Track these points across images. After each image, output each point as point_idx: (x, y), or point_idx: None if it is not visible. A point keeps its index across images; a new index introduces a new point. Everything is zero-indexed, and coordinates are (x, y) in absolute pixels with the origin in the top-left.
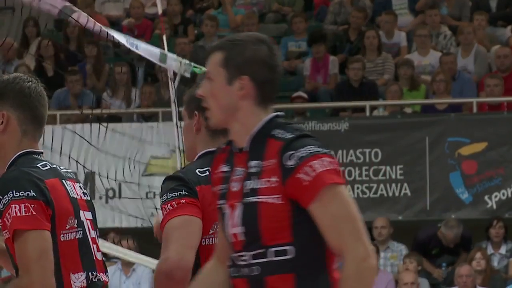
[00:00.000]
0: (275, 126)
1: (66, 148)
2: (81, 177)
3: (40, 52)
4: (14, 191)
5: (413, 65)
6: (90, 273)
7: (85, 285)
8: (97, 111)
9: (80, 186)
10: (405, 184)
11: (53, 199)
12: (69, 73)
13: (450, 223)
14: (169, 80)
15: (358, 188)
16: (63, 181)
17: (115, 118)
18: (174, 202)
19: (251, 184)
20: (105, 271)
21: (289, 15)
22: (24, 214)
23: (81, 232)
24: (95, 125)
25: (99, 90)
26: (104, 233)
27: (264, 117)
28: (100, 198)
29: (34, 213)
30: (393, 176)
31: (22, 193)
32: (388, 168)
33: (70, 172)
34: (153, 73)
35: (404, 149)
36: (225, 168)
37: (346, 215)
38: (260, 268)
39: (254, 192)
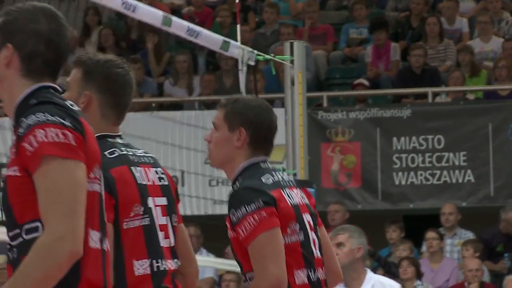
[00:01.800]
0: (35, 97)
1: (128, 136)
2: None
3: (101, 41)
4: None
5: (473, 51)
6: (154, 261)
7: (149, 272)
8: (159, 99)
9: (156, 171)
10: (469, 171)
11: (117, 189)
12: (130, 61)
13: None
14: (239, 70)
15: (421, 175)
16: (132, 168)
17: (176, 106)
18: (255, 215)
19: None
20: (174, 258)
21: (350, 2)
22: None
23: (148, 219)
24: (157, 113)
25: (161, 78)
26: None
27: (27, 89)
28: None
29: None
30: (456, 163)
31: None
32: (451, 154)
33: (147, 157)
34: (214, 61)
35: (467, 136)
36: None
37: (58, 190)
38: (17, 250)
39: (6, 166)
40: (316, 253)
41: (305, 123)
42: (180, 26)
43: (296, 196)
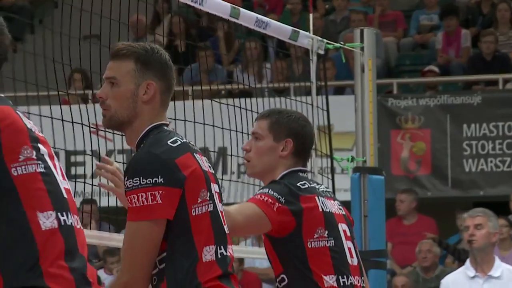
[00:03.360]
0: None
1: (197, 123)
2: (213, 152)
3: (172, 28)
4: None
5: None
6: (218, 247)
7: (214, 258)
8: (229, 86)
9: (206, 160)
10: None
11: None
12: (200, 48)
13: None
14: (310, 60)
15: (491, 162)
16: (194, 154)
17: (246, 94)
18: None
19: None
20: (230, 244)
21: None
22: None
23: (212, 205)
24: (226, 101)
25: (230, 66)
26: None
27: None
28: (233, 173)
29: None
30: None
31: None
32: None
33: (195, 146)
34: (284, 48)
35: None
36: None
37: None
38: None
39: None
40: (352, 260)
41: (375, 110)
42: (248, 18)
43: (332, 206)
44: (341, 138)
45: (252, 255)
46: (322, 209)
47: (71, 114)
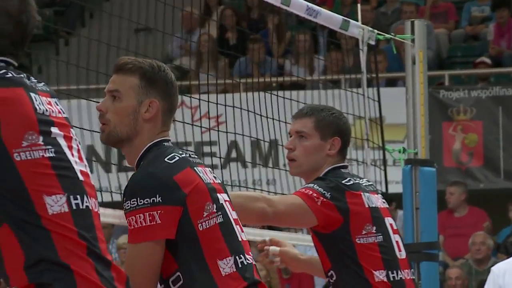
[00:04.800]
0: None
1: (249, 115)
2: (265, 145)
3: (222, 21)
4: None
5: None
6: (237, 257)
7: (235, 269)
8: (280, 79)
9: (210, 171)
10: None
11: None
12: (251, 41)
13: None
14: (360, 50)
15: None
16: (195, 168)
17: (297, 86)
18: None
19: None
20: (249, 251)
21: None
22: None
23: (221, 216)
24: (278, 93)
25: (281, 58)
26: None
27: None
28: (284, 165)
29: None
30: None
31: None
32: None
33: (196, 158)
34: (335, 40)
35: None
36: None
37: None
38: None
39: None
40: (400, 254)
41: (426, 102)
42: (299, 5)
43: (376, 201)
44: (393, 130)
45: (303, 242)
46: (368, 205)
47: None
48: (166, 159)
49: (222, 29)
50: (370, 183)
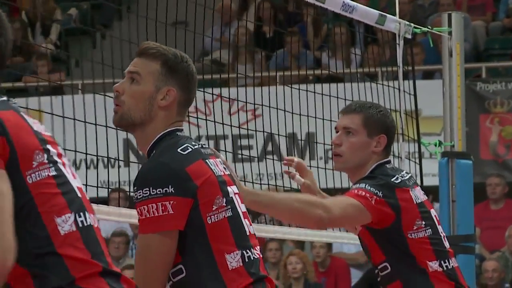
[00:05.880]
0: None
1: (286, 108)
2: (301, 137)
3: (259, 14)
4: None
5: None
6: (244, 251)
7: (242, 264)
8: (317, 72)
9: (220, 161)
10: None
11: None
12: (288, 34)
13: None
14: (397, 45)
15: None
16: (207, 160)
17: (334, 79)
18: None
19: None
20: (257, 245)
21: None
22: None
23: (230, 210)
24: (314, 86)
25: (318, 51)
26: (330, 193)
27: None
28: (320, 158)
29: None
30: None
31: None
32: None
33: (208, 149)
34: (372, 33)
35: None
36: None
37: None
38: None
39: None
40: (446, 244)
41: (463, 95)
42: (335, 2)
43: (420, 194)
44: (430, 122)
45: (341, 240)
46: (416, 201)
47: None
48: (179, 150)
49: (259, 22)
50: (409, 175)
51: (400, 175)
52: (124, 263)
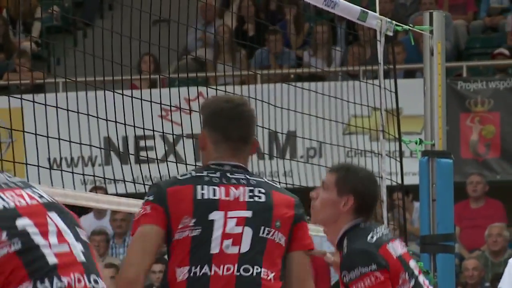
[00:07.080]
0: None
1: (266, 107)
2: (283, 137)
3: (241, 12)
4: None
5: None
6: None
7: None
8: (298, 70)
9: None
10: None
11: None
12: (269, 32)
13: None
14: (377, 41)
15: None
16: (198, 186)
17: (315, 77)
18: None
19: None
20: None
21: None
22: None
23: (200, 230)
24: (295, 84)
25: (299, 49)
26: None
27: None
28: (301, 156)
29: None
30: None
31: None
32: None
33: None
34: (353, 31)
35: None
36: None
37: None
38: None
39: None
40: None
41: (444, 93)
42: None
43: (397, 247)
44: (411, 121)
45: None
46: (395, 256)
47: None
48: (178, 177)
49: (241, 20)
50: (386, 230)
51: (375, 233)
52: (104, 261)
